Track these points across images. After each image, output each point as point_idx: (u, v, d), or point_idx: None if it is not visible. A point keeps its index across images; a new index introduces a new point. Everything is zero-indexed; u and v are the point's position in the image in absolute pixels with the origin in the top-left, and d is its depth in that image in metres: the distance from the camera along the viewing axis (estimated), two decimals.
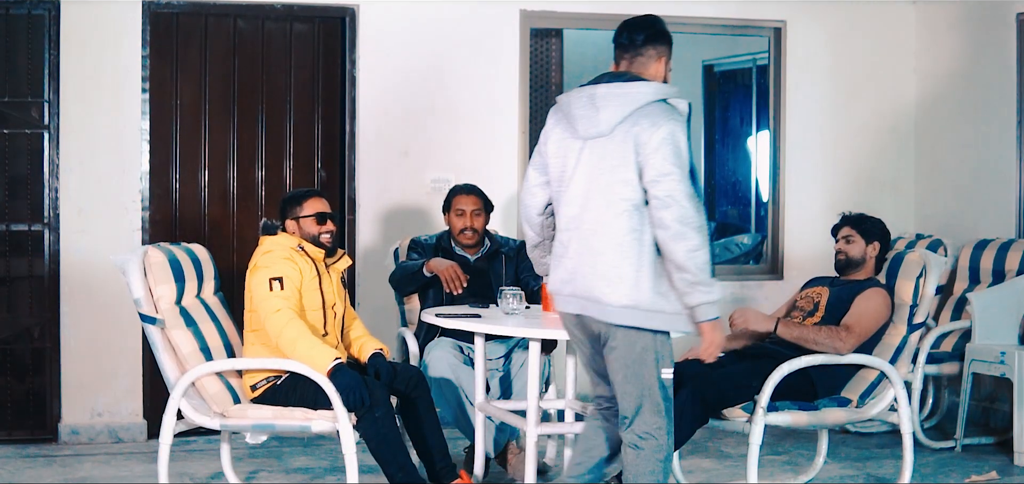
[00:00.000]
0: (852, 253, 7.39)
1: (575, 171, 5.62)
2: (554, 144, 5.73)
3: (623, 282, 5.50)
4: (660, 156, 5.41)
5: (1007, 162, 9.47)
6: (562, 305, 5.75)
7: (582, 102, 5.59)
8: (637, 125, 5.46)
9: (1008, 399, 9.05)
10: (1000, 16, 9.52)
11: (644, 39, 5.77)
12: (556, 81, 13.66)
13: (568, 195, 5.64)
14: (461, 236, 7.99)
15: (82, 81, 8.74)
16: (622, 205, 5.50)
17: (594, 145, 5.56)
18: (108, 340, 8.83)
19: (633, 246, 5.50)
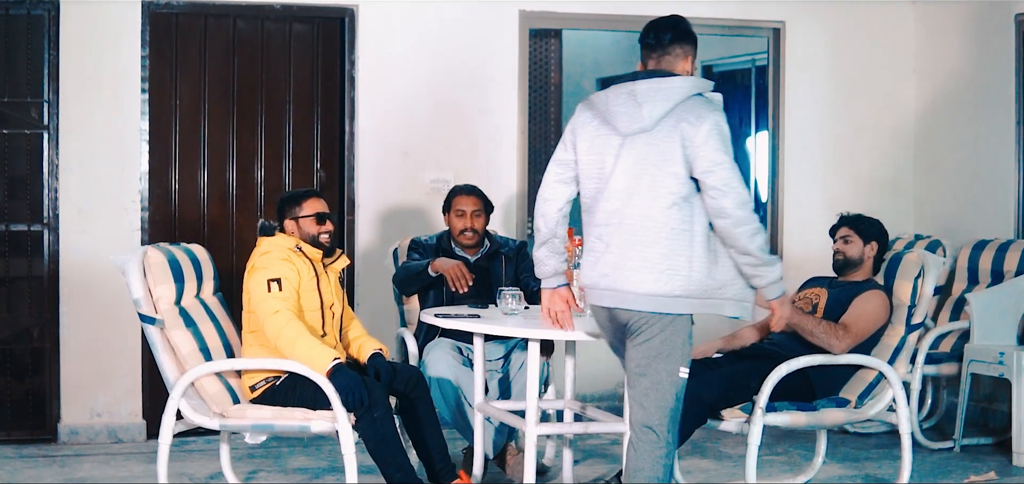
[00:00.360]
0: (850, 253, 7.40)
1: (615, 167, 5.69)
2: (587, 142, 5.79)
3: (676, 273, 5.61)
4: (710, 147, 5.55)
5: (1006, 163, 9.48)
6: (598, 299, 5.82)
7: (622, 99, 5.67)
8: (682, 119, 5.57)
9: (1006, 399, 9.05)
10: (999, 17, 9.53)
11: (671, 38, 5.85)
12: (555, 81, 13.67)
13: (608, 191, 5.72)
14: (461, 237, 7.98)
15: (81, 81, 8.75)
16: (671, 198, 5.59)
17: (636, 141, 5.64)
18: (107, 340, 8.84)
19: (684, 237, 5.62)
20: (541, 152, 11.92)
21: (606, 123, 5.74)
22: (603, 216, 5.75)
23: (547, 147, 13.44)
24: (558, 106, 13.87)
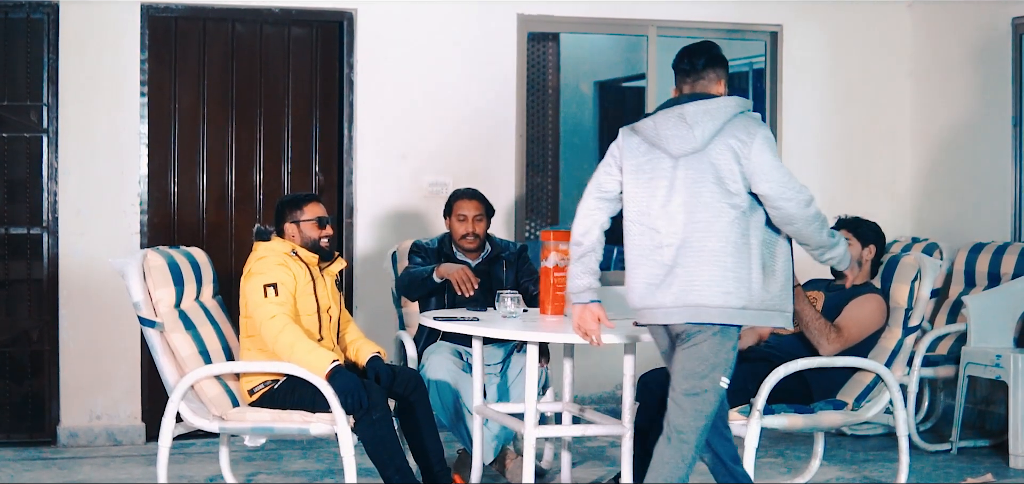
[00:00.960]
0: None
1: (673, 187, 5.86)
2: (636, 165, 5.96)
3: (741, 285, 5.81)
4: (763, 160, 5.78)
5: (1003, 166, 9.51)
6: (663, 317, 5.94)
7: (672, 122, 5.85)
8: (732, 136, 5.79)
9: (1003, 402, 9.08)
10: (996, 20, 9.56)
11: (704, 63, 6.04)
12: (553, 84, 13.70)
13: (666, 211, 5.87)
14: (462, 241, 7.97)
15: (81, 85, 8.77)
16: (733, 213, 5.80)
17: (689, 161, 5.83)
18: (106, 343, 8.86)
19: (745, 251, 5.82)
20: (539, 155, 11.96)
21: (655, 147, 5.91)
22: (663, 237, 5.89)
23: (545, 150, 13.48)
24: (556, 109, 13.91)
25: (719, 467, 6.44)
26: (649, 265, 5.94)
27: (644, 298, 5.98)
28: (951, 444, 8.78)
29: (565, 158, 14.24)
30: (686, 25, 10.05)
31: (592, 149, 14.76)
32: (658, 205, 5.89)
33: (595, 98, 14.77)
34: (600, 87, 14.71)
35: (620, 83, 14.58)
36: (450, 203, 8.06)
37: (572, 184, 14.35)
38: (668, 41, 10.19)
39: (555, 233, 7.23)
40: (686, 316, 5.85)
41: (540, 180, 13.04)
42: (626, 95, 14.56)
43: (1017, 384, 8.27)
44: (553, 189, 13.85)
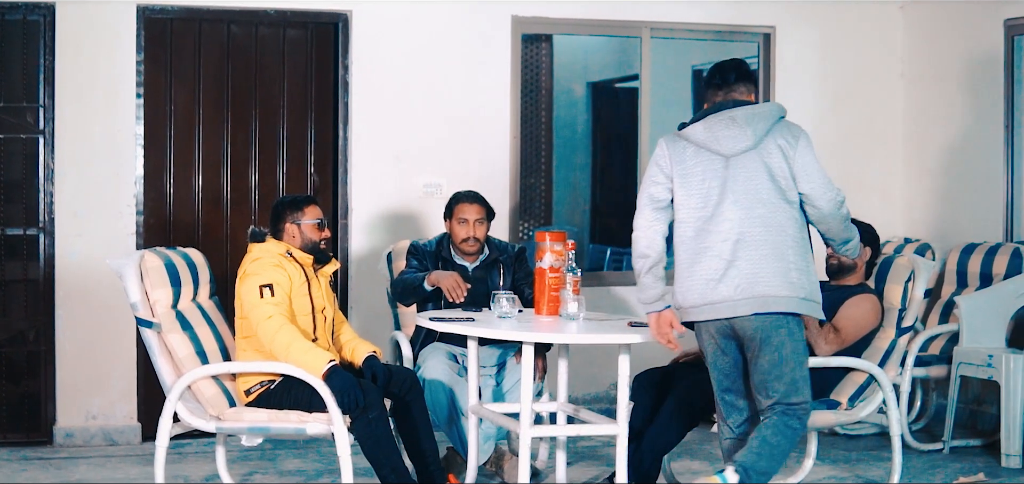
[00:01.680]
0: (843, 259, 7.46)
1: (727, 186, 6.16)
2: (686, 169, 6.24)
3: (803, 275, 6.18)
4: (807, 160, 6.20)
5: (995, 166, 9.55)
6: (727, 311, 6.17)
7: (723, 124, 6.16)
8: (779, 137, 6.18)
9: (995, 401, 9.14)
10: (988, 21, 9.60)
11: (735, 77, 6.36)
12: (546, 86, 13.71)
13: (722, 210, 6.15)
14: (463, 245, 7.93)
15: (77, 86, 8.79)
16: (790, 209, 6.19)
17: (743, 160, 6.16)
18: (103, 343, 8.88)
19: (802, 243, 6.23)
20: (532, 156, 11.98)
21: (704, 148, 6.21)
22: (721, 234, 6.15)
23: (539, 151, 13.49)
24: (549, 110, 13.92)
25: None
26: (707, 261, 6.17)
27: (705, 294, 6.18)
28: (943, 444, 8.82)
29: (558, 159, 14.26)
30: (679, 27, 10.10)
31: (585, 150, 14.77)
32: (713, 204, 6.16)
33: (588, 99, 14.79)
34: (593, 88, 14.73)
35: (613, 84, 14.60)
36: (451, 206, 8.02)
37: (565, 185, 14.37)
38: (661, 42, 10.24)
39: (550, 234, 7.26)
40: (754, 307, 6.10)
41: (533, 181, 13.05)
42: (619, 96, 14.57)
43: (1009, 384, 8.31)
44: (546, 190, 13.86)
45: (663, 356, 7.62)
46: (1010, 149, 9.49)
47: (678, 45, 11.56)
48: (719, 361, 6.35)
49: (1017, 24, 9.40)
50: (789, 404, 6.17)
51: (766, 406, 6.21)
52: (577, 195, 14.59)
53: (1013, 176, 9.48)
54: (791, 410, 6.17)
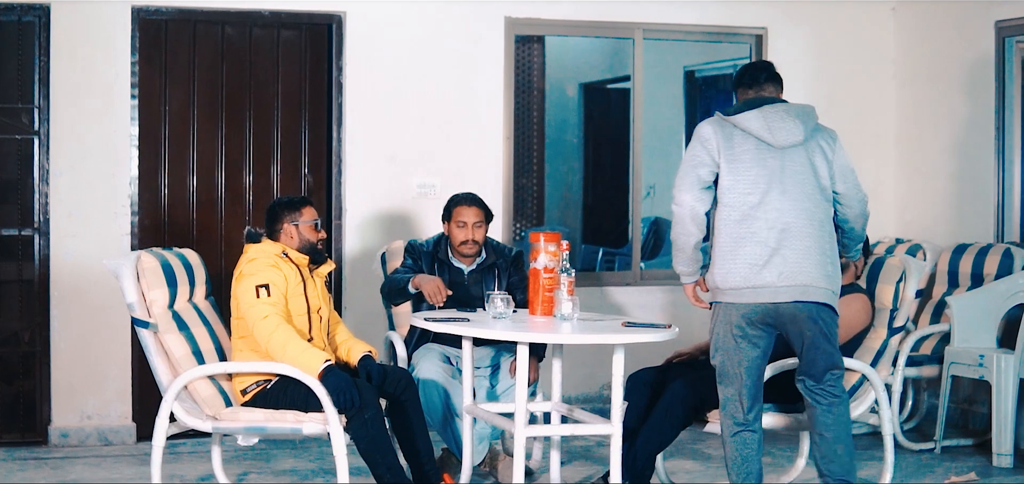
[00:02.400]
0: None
1: (776, 175, 6.47)
2: (734, 155, 6.48)
3: (837, 270, 6.58)
4: (845, 163, 6.66)
5: (986, 167, 9.60)
6: (769, 296, 6.48)
7: (779, 116, 6.50)
8: (821, 138, 6.59)
9: (986, 401, 9.18)
10: (979, 22, 9.64)
11: (765, 77, 6.78)
12: (539, 86, 13.73)
13: (770, 198, 6.46)
14: (461, 247, 7.93)
15: (72, 87, 8.81)
16: (827, 206, 6.58)
17: (792, 153, 6.50)
18: (97, 343, 8.90)
19: (833, 239, 6.61)
20: (524, 157, 12.00)
21: (754, 136, 6.48)
22: (767, 221, 6.44)
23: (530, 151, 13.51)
24: (541, 110, 13.94)
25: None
26: (751, 247, 6.41)
27: (748, 278, 6.42)
28: (935, 443, 8.87)
29: (550, 159, 14.29)
30: (672, 28, 10.14)
31: (577, 150, 14.80)
32: (760, 191, 6.44)
33: (580, 100, 14.82)
34: (585, 89, 14.76)
35: (605, 85, 14.63)
36: (449, 208, 8.00)
37: (557, 185, 14.40)
38: (653, 43, 10.27)
39: (545, 234, 7.28)
40: (795, 295, 6.42)
41: (525, 181, 13.08)
42: (611, 97, 14.61)
43: (1000, 384, 8.35)
44: (538, 190, 13.89)
45: (657, 356, 7.68)
46: (1001, 150, 9.53)
47: (670, 46, 11.59)
48: (748, 352, 6.54)
49: (1008, 25, 9.44)
50: (833, 386, 6.56)
51: (813, 387, 6.57)
52: (569, 195, 14.62)
53: (1004, 177, 9.53)
54: (837, 387, 6.57)
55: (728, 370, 6.60)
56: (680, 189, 6.52)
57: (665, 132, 13.23)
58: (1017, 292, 8.70)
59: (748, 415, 6.59)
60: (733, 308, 6.53)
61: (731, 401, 6.62)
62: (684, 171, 6.53)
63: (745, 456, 6.62)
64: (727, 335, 6.58)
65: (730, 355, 6.58)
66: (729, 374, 6.60)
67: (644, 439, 7.09)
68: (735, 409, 6.60)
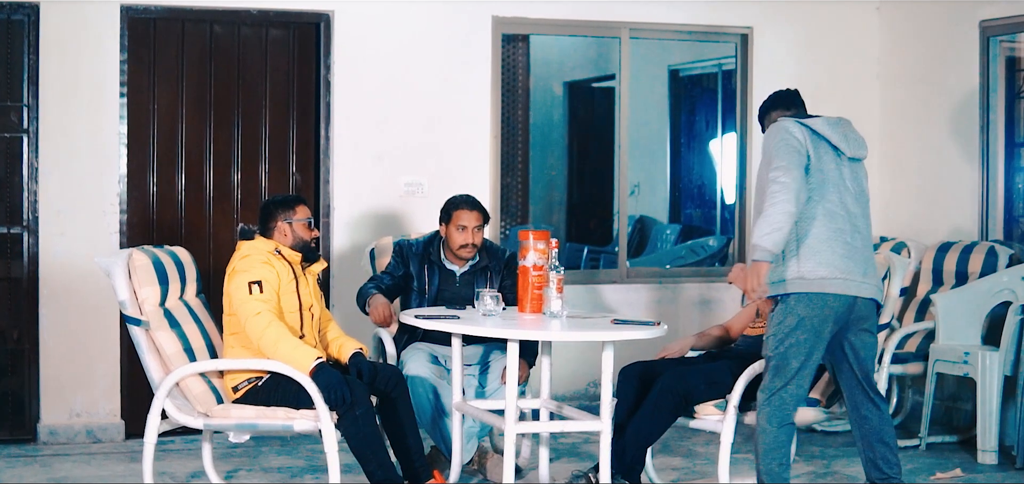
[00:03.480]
0: None
1: (847, 182, 6.85)
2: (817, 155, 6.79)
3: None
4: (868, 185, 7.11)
5: (970, 166, 9.66)
6: (855, 289, 6.77)
7: (850, 129, 6.96)
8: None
9: (970, 398, 9.25)
10: (963, 22, 9.70)
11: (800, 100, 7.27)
12: (523, 85, 13.76)
13: (845, 200, 6.82)
14: (460, 251, 7.89)
15: (61, 85, 8.82)
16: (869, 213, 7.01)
17: (855, 164, 6.93)
18: (86, 341, 8.92)
19: None
20: (509, 155, 12.02)
21: (825, 141, 6.80)
22: (846, 219, 6.80)
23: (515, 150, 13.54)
24: (526, 109, 13.97)
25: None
26: (840, 240, 6.76)
27: (841, 270, 6.73)
28: (920, 440, 8.92)
29: (534, 158, 14.32)
30: (659, 27, 10.19)
31: (561, 149, 14.84)
32: (839, 192, 6.80)
33: (564, 98, 14.86)
34: (569, 87, 14.80)
35: (589, 83, 14.67)
36: (449, 210, 7.93)
37: (541, 184, 14.43)
38: (637, 43, 10.31)
39: (534, 232, 7.31)
40: (871, 292, 6.82)
41: (510, 180, 13.12)
42: (595, 95, 14.65)
43: (986, 381, 8.42)
44: (523, 189, 13.93)
45: (645, 354, 7.71)
46: (985, 149, 9.59)
47: (655, 46, 11.65)
48: (818, 349, 6.75)
49: (992, 25, 9.51)
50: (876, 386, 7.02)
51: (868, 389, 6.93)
52: (553, 194, 14.65)
53: (988, 176, 9.59)
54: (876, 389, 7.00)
55: (792, 365, 6.72)
56: (786, 170, 6.60)
57: (649, 131, 13.29)
58: (1001, 290, 8.76)
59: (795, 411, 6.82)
60: (817, 299, 6.70)
61: (786, 395, 6.75)
62: (785, 153, 6.66)
63: (785, 451, 6.80)
64: (801, 328, 6.70)
65: (798, 349, 6.71)
66: (791, 369, 6.73)
67: (633, 431, 7.12)
68: (788, 404, 6.76)
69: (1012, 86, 9.68)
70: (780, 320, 6.72)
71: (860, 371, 6.90)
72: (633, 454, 7.14)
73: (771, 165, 6.67)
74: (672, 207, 13.84)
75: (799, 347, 6.69)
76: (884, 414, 6.96)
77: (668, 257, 12.62)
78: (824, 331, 6.71)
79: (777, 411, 6.72)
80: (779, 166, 6.60)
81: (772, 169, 6.62)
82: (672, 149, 13.75)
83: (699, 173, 13.70)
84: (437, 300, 7.89)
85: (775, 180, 6.58)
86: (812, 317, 6.67)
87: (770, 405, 6.73)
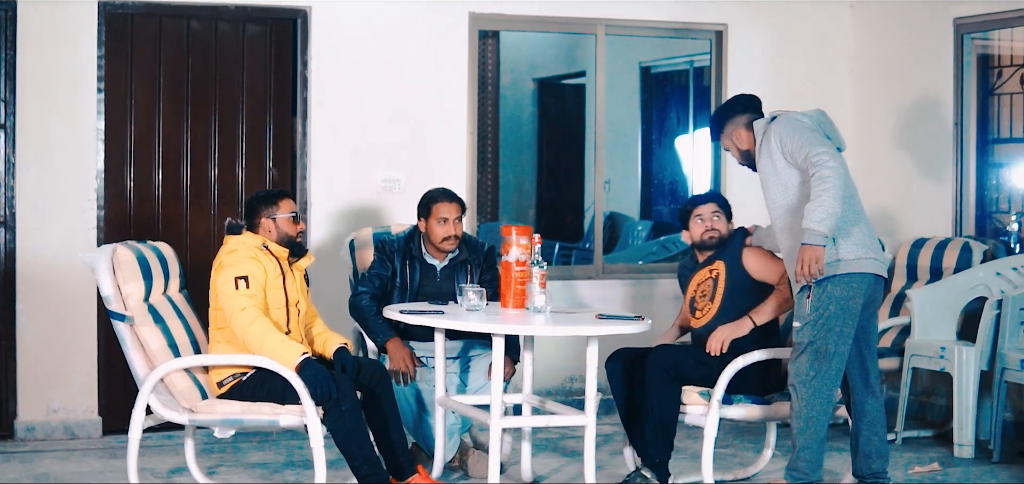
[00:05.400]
0: (723, 229, 7.61)
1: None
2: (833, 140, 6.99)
3: None
4: None
5: (944, 162, 9.73)
6: (881, 268, 6.99)
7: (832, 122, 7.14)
8: None
9: (943, 393, 9.32)
10: (937, 20, 9.77)
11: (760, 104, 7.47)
12: (494, 81, 13.81)
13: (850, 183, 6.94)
14: (444, 243, 7.85)
15: (38, 80, 8.79)
16: None
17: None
18: (64, 337, 8.89)
19: None
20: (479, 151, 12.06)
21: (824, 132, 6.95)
22: (860, 204, 7.04)
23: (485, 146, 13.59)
24: (495, 104, 14.03)
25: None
26: (865, 223, 6.99)
27: (873, 249, 6.92)
28: (895, 434, 8.97)
29: (504, 154, 14.37)
30: (634, 24, 10.22)
31: (531, 145, 14.88)
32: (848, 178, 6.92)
33: (534, 95, 14.91)
34: (539, 84, 14.85)
35: (560, 80, 14.73)
36: (428, 205, 7.90)
37: (511, 180, 14.48)
38: (611, 40, 10.33)
39: (516, 228, 7.34)
40: (884, 271, 7.01)
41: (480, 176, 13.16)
42: (565, 92, 14.71)
43: (962, 375, 8.48)
44: (493, 185, 13.98)
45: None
46: (959, 145, 9.66)
47: (626, 42, 11.69)
48: (853, 328, 6.88)
49: (967, 22, 9.58)
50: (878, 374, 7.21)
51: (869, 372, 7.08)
52: (523, 190, 14.70)
53: (962, 172, 9.66)
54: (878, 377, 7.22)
55: (831, 348, 6.82)
56: (831, 154, 6.68)
57: (620, 128, 13.34)
58: (976, 285, 8.83)
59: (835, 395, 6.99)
60: (855, 280, 6.82)
61: (829, 379, 6.85)
62: (817, 140, 6.78)
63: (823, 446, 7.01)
64: (843, 310, 6.81)
65: (842, 334, 6.82)
66: (833, 353, 6.82)
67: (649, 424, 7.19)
68: (830, 387, 6.87)
69: (985, 83, 9.77)
70: (819, 304, 6.81)
71: (869, 355, 7.05)
72: (657, 444, 7.18)
73: (802, 153, 6.76)
74: (643, 203, 13.91)
75: (842, 333, 6.81)
76: (881, 405, 7.10)
77: (639, 253, 12.67)
78: (858, 311, 6.84)
79: (820, 396, 6.83)
80: (821, 151, 6.67)
81: (815, 155, 6.66)
82: (643, 146, 13.82)
83: (670, 170, 13.76)
84: (418, 295, 7.89)
85: (823, 164, 6.63)
86: (850, 298, 6.80)
87: (812, 389, 6.83)
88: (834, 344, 6.79)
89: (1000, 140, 9.77)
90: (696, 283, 7.64)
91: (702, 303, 7.52)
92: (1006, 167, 9.75)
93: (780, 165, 6.87)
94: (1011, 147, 9.73)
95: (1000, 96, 9.75)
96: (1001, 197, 9.77)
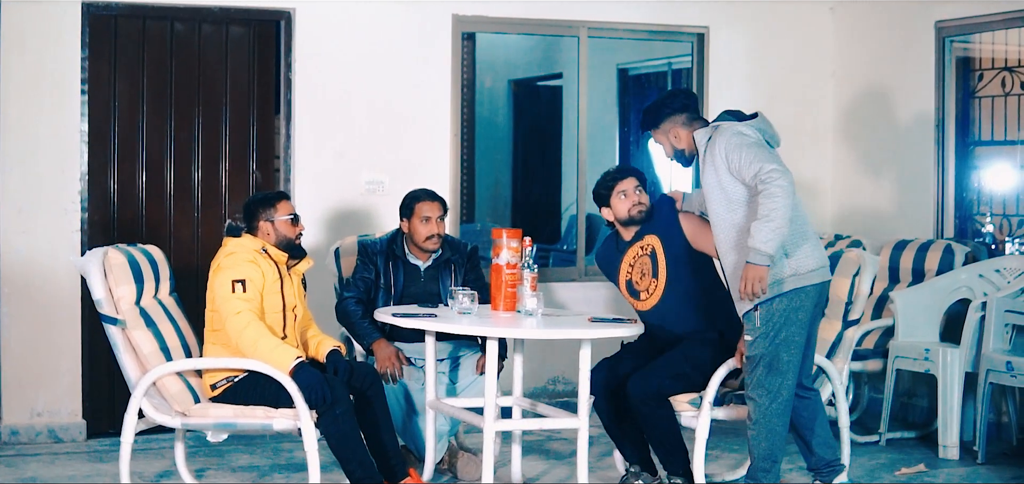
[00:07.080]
0: (647, 202, 7.48)
1: None
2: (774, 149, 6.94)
3: None
4: None
5: (925, 164, 9.77)
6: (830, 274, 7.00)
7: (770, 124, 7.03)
8: None
9: (926, 394, 9.38)
10: (919, 23, 9.81)
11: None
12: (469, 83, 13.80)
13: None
14: (427, 242, 7.87)
15: (21, 82, 8.74)
16: None
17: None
18: (48, 340, 8.84)
19: None
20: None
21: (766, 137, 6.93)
22: (803, 210, 6.95)
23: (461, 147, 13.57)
24: (471, 106, 14.02)
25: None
26: (812, 232, 6.92)
27: (821, 258, 6.87)
28: (879, 436, 9.01)
29: (479, 156, 14.37)
30: (616, 26, 10.24)
31: (506, 147, 14.89)
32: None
33: (509, 96, 14.92)
34: (514, 85, 14.86)
35: (535, 82, 14.74)
36: (410, 205, 7.92)
37: (486, 181, 14.48)
38: (595, 41, 10.35)
39: (507, 231, 7.33)
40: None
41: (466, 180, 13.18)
42: (540, 93, 14.72)
43: (946, 377, 8.52)
44: (469, 186, 13.97)
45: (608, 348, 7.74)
46: (940, 148, 9.71)
47: (604, 45, 11.70)
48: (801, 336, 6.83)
49: (948, 26, 9.63)
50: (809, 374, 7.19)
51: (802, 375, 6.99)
52: (498, 191, 14.71)
53: (943, 174, 9.71)
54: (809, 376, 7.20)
55: (788, 358, 6.80)
56: (782, 172, 6.60)
57: (597, 129, 13.35)
58: (959, 287, 8.89)
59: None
60: (806, 293, 6.80)
61: (784, 390, 6.82)
62: (763, 154, 6.70)
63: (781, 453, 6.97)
64: (792, 323, 6.78)
65: (794, 343, 6.79)
66: (786, 362, 6.79)
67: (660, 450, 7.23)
68: (787, 398, 6.84)
69: (966, 86, 9.82)
70: (770, 318, 6.74)
71: (808, 354, 7.01)
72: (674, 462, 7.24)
73: (751, 170, 6.64)
74: None
75: (794, 344, 6.77)
76: (817, 400, 7.13)
77: None
78: (807, 321, 6.82)
79: (776, 404, 6.78)
80: (771, 169, 6.57)
81: (765, 173, 6.57)
82: (621, 148, 13.83)
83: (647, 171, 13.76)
84: (403, 296, 7.89)
85: (772, 181, 6.54)
86: (799, 310, 6.75)
87: (769, 399, 6.78)
88: (786, 354, 6.77)
89: (981, 142, 9.82)
90: (628, 263, 7.49)
91: (644, 283, 7.38)
92: (987, 169, 9.80)
93: (725, 178, 6.78)
94: (992, 149, 9.78)
95: (981, 99, 9.80)
96: (981, 199, 9.82)
